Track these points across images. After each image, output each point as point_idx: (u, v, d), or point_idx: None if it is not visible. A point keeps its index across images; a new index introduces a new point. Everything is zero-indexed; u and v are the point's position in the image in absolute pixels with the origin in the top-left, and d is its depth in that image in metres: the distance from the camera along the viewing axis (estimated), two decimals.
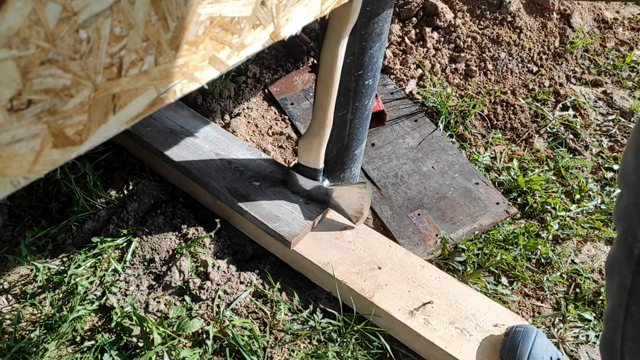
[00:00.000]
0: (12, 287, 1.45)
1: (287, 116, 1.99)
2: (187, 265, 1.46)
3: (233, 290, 1.44)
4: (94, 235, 1.53)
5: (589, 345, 1.47)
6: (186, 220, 1.57)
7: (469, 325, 1.31)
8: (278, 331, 1.39)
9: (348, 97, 1.39)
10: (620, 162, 1.54)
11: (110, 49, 0.54)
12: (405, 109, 2.05)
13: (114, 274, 1.46)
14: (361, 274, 1.40)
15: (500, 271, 1.59)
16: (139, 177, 1.69)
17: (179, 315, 1.35)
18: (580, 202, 1.81)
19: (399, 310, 1.33)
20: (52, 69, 0.49)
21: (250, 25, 0.70)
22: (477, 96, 2.14)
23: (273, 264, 1.53)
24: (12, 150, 0.51)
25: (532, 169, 1.89)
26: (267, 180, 1.53)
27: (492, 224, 1.69)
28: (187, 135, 1.64)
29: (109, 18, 0.51)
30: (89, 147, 0.59)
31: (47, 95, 0.51)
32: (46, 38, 0.47)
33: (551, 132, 2.05)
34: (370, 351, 1.36)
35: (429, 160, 1.88)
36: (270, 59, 2.18)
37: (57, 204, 1.63)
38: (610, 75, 2.31)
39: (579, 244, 1.71)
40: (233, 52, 0.71)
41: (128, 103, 0.60)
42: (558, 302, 1.55)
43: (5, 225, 1.59)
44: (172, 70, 0.63)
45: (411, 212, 1.71)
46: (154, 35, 0.57)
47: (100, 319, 1.39)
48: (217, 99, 1.95)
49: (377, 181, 1.80)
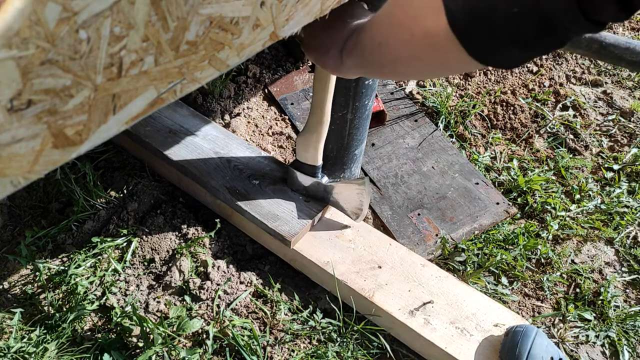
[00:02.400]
0: (12, 287, 1.45)
1: (287, 116, 1.99)
2: (187, 265, 1.46)
3: (233, 290, 1.44)
4: (94, 235, 1.53)
5: (589, 345, 1.47)
6: (186, 220, 1.57)
7: (469, 325, 1.31)
8: (278, 331, 1.39)
9: (348, 97, 1.39)
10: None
11: (110, 49, 0.54)
12: (405, 109, 2.05)
13: (114, 274, 1.46)
14: (361, 273, 1.40)
15: (500, 271, 1.59)
16: (139, 177, 1.69)
17: (179, 315, 1.36)
18: (580, 202, 1.81)
19: (399, 310, 1.33)
20: (52, 69, 0.49)
21: (250, 26, 0.70)
22: (477, 96, 2.14)
23: (273, 264, 1.53)
24: (12, 150, 0.51)
25: (532, 169, 1.89)
26: (266, 178, 1.53)
27: (492, 224, 1.69)
28: (186, 134, 1.64)
29: (109, 18, 0.51)
30: (89, 147, 0.59)
31: (47, 95, 0.51)
32: (46, 38, 0.47)
33: (551, 132, 2.05)
34: (370, 351, 1.36)
35: (429, 160, 1.88)
36: (270, 59, 2.18)
37: (57, 204, 1.63)
38: (610, 75, 2.31)
39: (579, 244, 1.71)
40: (233, 52, 0.71)
41: (128, 103, 0.60)
42: (558, 302, 1.55)
43: (5, 225, 1.59)
44: (172, 70, 0.63)
45: (411, 212, 1.71)
46: (154, 35, 0.57)
47: (100, 319, 1.39)
48: (217, 99, 1.95)
49: (377, 181, 1.80)
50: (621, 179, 1.89)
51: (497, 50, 0.52)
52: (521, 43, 0.50)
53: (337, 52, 0.81)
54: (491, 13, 0.48)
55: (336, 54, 0.82)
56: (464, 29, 0.51)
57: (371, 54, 0.69)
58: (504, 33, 0.49)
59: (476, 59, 0.53)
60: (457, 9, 0.50)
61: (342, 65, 0.82)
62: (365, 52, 0.71)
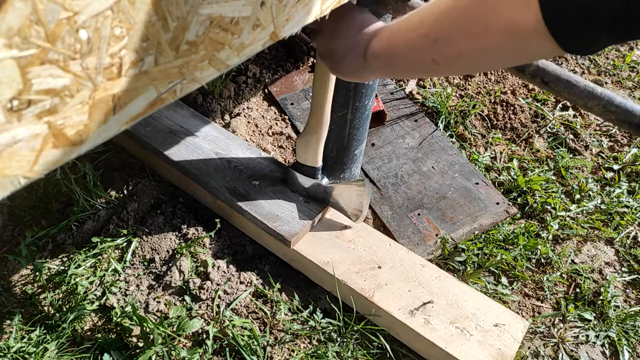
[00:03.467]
0: (12, 287, 1.45)
1: (287, 116, 1.99)
2: (187, 265, 1.46)
3: (233, 290, 1.44)
4: (94, 235, 1.53)
5: (589, 345, 1.47)
6: (186, 220, 1.57)
7: (469, 325, 1.31)
8: (278, 331, 1.39)
9: (348, 97, 1.39)
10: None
11: (110, 49, 0.54)
12: (405, 109, 2.05)
13: (114, 274, 1.46)
14: (361, 273, 1.40)
15: (500, 271, 1.59)
16: (139, 177, 1.69)
17: (179, 315, 1.36)
18: (580, 202, 1.81)
19: (399, 310, 1.33)
20: (52, 69, 0.49)
21: (250, 26, 0.70)
22: (477, 96, 2.14)
23: (273, 264, 1.53)
24: (12, 150, 0.51)
25: (532, 169, 1.89)
26: (266, 179, 1.53)
27: (492, 224, 1.69)
28: (187, 135, 1.64)
29: (109, 18, 0.51)
30: (89, 147, 0.59)
31: (47, 95, 0.51)
32: (46, 38, 0.47)
33: (551, 132, 2.05)
34: (370, 351, 1.36)
35: (429, 160, 1.88)
36: (270, 59, 2.18)
37: (57, 204, 1.63)
38: (610, 75, 2.31)
39: (579, 244, 1.71)
40: (233, 53, 0.71)
41: (128, 103, 0.60)
42: (558, 302, 1.55)
43: (5, 225, 1.59)
44: (172, 71, 0.63)
45: (411, 212, 1.71)
46: (154, 35, 0.57)
47: (100, 319, 1.39)
48: (217, 99, 1.95)
49: (377, 181, 1.80)
50: (621, 179, 1.89)
51: (590, 37, 0.52)
52: (617, 29, 0.50)
53: (355, 58, 0.82)
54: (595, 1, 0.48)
55: (354, 60, 0.82)
56: (560, 18, 0.51)
57: (420, 53, 0.68)
58: (603, 20, 0.49)
59: (564, 47, 0.54)
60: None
61: (364, 69, 0.82)
62: (409, 53, 0.70)
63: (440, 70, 0.70)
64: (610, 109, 0.75)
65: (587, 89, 0.75)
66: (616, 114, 0.74)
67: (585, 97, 0.76)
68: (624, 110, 0.74)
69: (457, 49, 0.62)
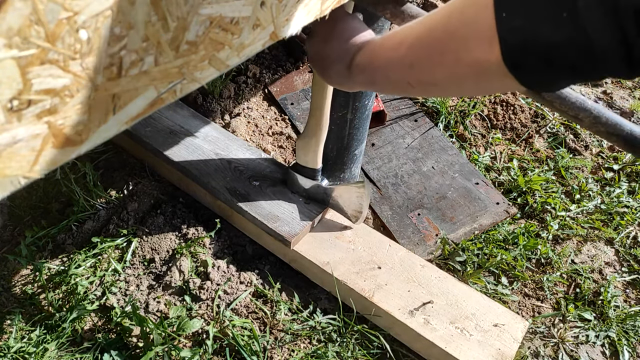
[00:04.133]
0: (12, 287, 1.45)
1: (287, 116, 1.99)
2: (187, 265, 1.46)
3: (233, 290, 1.44)
4: (94, 235, 1.53)
5: (589, 345, 1.47)
6: (186, 220, 1.57)
7: (469, 325, 1.31)
8: (278, 331, 1.39)
9: (348, 97, 1.39)
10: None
11: (110, 49, 0.54)
12: (405, 109, 2.06)
13: (114, 274, 1.46)
14: (361, 273, 1.40)
15: (500, 271, 1.59)
16: (139, 177, 1.69)
17: (179, 315, 1.36)
18: (580, 202, 1.81)
19: (399, 310, 1.33)
20: (52, 69, 0.49)
21: (250, 26, 0.70)
22: (477, 96, 2.14)
23: (273, 264, 1.53)
24: (12, 150, 0.51)
25: (532, 169, 1.89)
26: (266, 179, 1.53)
27: (492, 224, 1.69)
28: (187, 135, 1.64)
29: (109, 18, 0.51)
30: (89, 147, 0.59)
31: (47, 95, 0.51)
32: (46, 38, 0.47)
33: (551, 132, 2.05)
34: (370, 351, 1.36)
35: (429, 160, 1.88)
36: (270, 59, 2.18)
37: (57, 204, 1.63)
38: None
39: (579, 244, 1.71)
40: (233, 53, 0.71)
41: (128, 103, 0.60)
42: (558, 302, 1.55)
43: (5, 225, 1.59)
44: (172, 70, 0.63)
45: (411, 212, 1.71)
46: (154, 35, 0.57)
47: (100, 319, 1.39)
48: (217, 99, 1.95)
49: (377, 181, 1.80)
50: (621, 179, 1.89)
51: (550, 79, 0.53)
52: (577, 73, 0.50)
53: (342, 67, 0.80)
54: (554, 50, 0.48)
55: (341, 69, 0.81)
56: (520, 63, 0.51)
57: (398, 74, 0.68)
58: (563, 68, 0.49)
59: (526, 86, 0.54)
60: (515, 44, 0.50)
61: (348, 80, 0.81)
62: (389, 72, 0.70)
63: (415, 93, 0.70)
64: (600, 121, 0.75)
65: (578, 101, 0.75)
66: (606, 127, 0.74)
67: (576, 109, 0.75)
68: (613, 123, 0.74)
69: (431, 78, 0.63)
